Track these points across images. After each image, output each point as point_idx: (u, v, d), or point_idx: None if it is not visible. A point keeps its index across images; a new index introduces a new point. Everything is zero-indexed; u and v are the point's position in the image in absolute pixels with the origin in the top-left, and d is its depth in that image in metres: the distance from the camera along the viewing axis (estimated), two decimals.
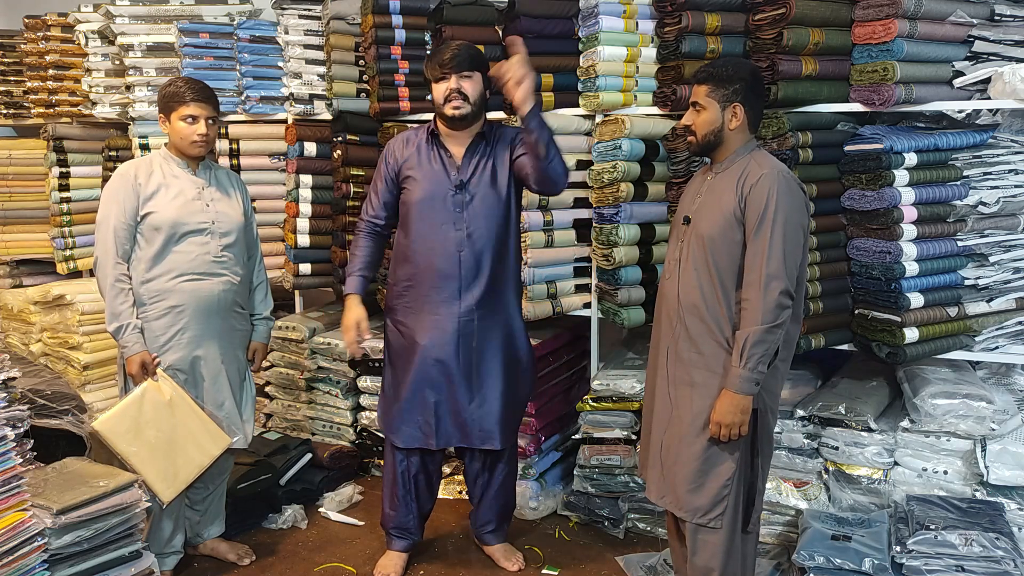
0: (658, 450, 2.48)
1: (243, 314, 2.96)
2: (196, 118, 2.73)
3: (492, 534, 3.10)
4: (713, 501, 2.35)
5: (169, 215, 2.73)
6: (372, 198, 2.87)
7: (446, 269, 2.74)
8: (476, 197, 2.75)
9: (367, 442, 3.85)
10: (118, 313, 2.71)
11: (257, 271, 3.05)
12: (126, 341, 2.71)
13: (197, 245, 2.77)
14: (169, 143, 2.82)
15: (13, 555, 2.17)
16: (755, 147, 2.39)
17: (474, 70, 2.70)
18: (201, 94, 2.75)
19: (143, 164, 2.80)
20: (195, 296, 2.77)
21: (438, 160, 2.77)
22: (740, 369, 2.24)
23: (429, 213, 2.75)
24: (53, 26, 4.75)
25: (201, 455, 2.79)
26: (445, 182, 2.75)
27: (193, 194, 2.79)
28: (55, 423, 3.32)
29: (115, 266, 2.71)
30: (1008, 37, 2.84)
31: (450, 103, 2.69)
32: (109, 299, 2.72)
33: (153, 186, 2.74)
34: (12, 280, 5.12)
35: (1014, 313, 2.97)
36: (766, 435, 2.41)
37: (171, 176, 2.79)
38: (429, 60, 2.75)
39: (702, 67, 2.41)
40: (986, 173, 2.89)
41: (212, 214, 2.81)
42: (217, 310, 2.82)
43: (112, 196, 2.74)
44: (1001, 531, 2.47)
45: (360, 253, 2.86)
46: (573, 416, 3.67)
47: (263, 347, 3.07)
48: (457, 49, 2.69)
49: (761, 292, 2.21)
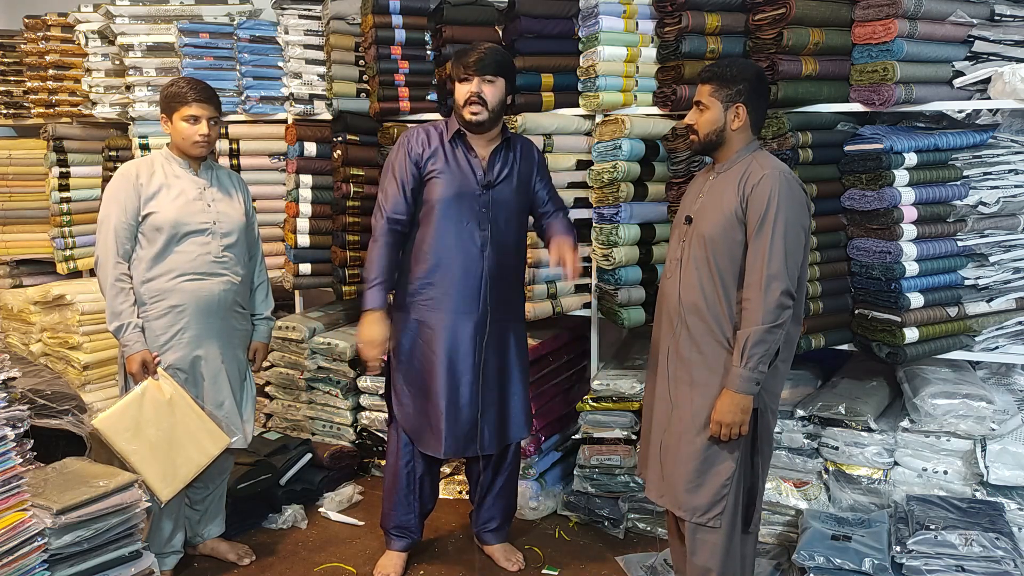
0: (658, 449, 2.48)
1: (244, 314, 2.96)
2: (198, 118, 2.73)
3: (493, 533, 3.10)
4: (712, 500, 2.35)
5: (170, 215, 2.73)
6: (392, 194, 2.72)
7: (470, 268, 2.73)
8: (500, 200, 2.75)
9: (367, 442, 3.85)
10: (119, 312, 2.71)
11: (258, 271, 3.05)
12: (127, 340, 2.71)
13: (198, 245, 2.77)
14: (171, 143, 2.82)
15: (13, 555, 2.17)
16: (757, 147, 2.40)
17: (498, 75, 2.66)
18: (203, 94, 2.75)
19: (145, 164, 2.80)
20: (196, 296, 2.77)
21: (464, 159, 2.74)
22: (741, 369, 2.24)
23: (456, 211, 2.71)
24: (53, 26, 4.75)
25: (200, 454, 2.79)
26: (472, 181, 2.73)
27: (195, 194, 2.79)
28: (55, 423, 3.31)
29: (116, 265, 2.72)
30: (1008, 37, 2.84)
31: (469, 107, 2.65)
32: (110, 298, 2.72)
33: (155, 186, 2.75)
34: (12, 280, 5.12)
35: (1014, 313, 2.97)
36: (766, 435, 2.41)
37: (173, 176, 2.79)
38: (455, 59, 2.72)
39: (706, 67, 2.42)
40: (986, 173, 2.89)
41: (213, 214, 2.81)
42: (218, 310, 2.82)
43: (113, 196, 2.74)
44: (1001, 531, 2.47)
45: (382, 262, 2.70)
46: (573, 416, 3.66)
47: (264, 347, 3.07)
48: (484, 52, 2.65)
49: (762, 292, 2.22)
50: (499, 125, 2.77)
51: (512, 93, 2.77)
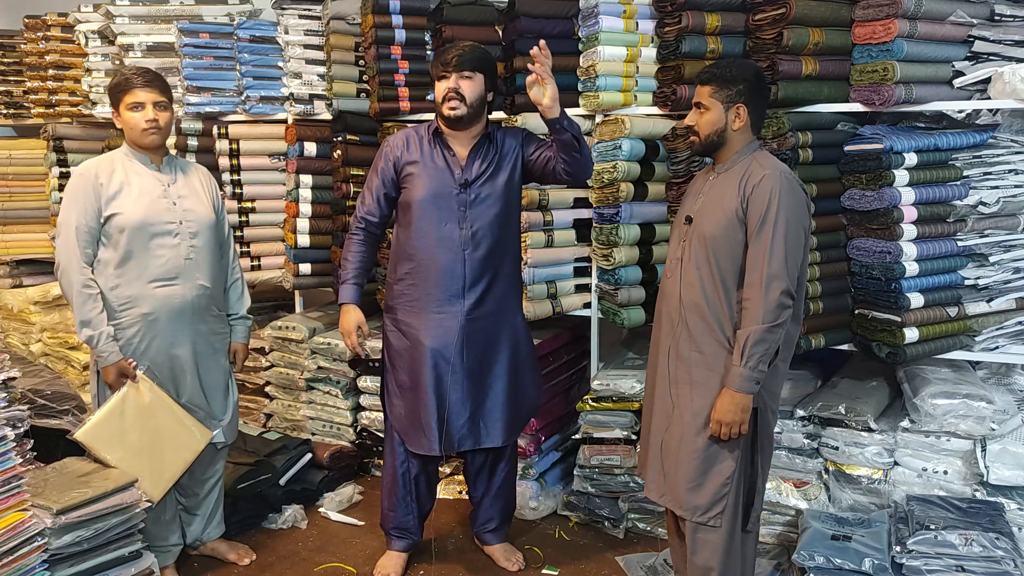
0: (658, 449, 2.48)
1: (220, 315, 2.89)
2: (142, 104, 2.62)
3: (492, 533, 3.10)
4: (712, 500, 2.35)
5: (135, 216, 2.62)
6: (366, 195, 2.83)
7: (451, 267, 2.74)
8: (480, 197, 2.75)
9: (367, 442, 3.85)
10: (89, 321, 2.61)
11: (231, 270, 2.96)
12: (102, 351, 2.62)
13: (166, 248, 2.68)
14: (127, 138, 2.71)
15: (13, 555, 2.17)
16: (757, 147, 2.41)
17: (476, 71, 2.69)
18: (145, 78, 2.64)
19: (104, 162, 2.68)
20: (167, 303, 2.68)
21: (442, 159, 2.76)
22: (741, 368, 2.25)
23: (433, 211, 2.73)
24: (53, 26, 4.74)
25: (184, 451, 2.77)
26: (449, 181, 2.74)
27: (158, 192, 2.69)
28: (55, 423, 3.32)
29: (80, 270, 2.60)
30: (1008, 37, 2.84)
31: (447, 103, 2.68)
32: (77, 306, 2.60)
33: (116, 185, 2.63)
34: (12, 280, 5.11)
35: (1014, 313, 2.97)
36: (766, 434, 2.42)
37: (133, 174, 2.67)
38: (434, 58, 2.76)
39: (706, 67, 2.42)
40: (986, 173, 2.89)
41: (179, 213, 2.71)
42: (191, 316, 2.75)
43: (72, 197, 2.62)
44: (1001, 531, 2.47)
45: (353, 259, 2.82)
46: (573, 416, 3.67)
47: (243, 347, 3.00)
48: (461, 49, 2.68)
49: (762, 292, 2.23)
50: (481, 122, 2.77)
51: (492, 91, 2.77)
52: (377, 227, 2.85)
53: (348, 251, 2.84)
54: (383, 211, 2.83)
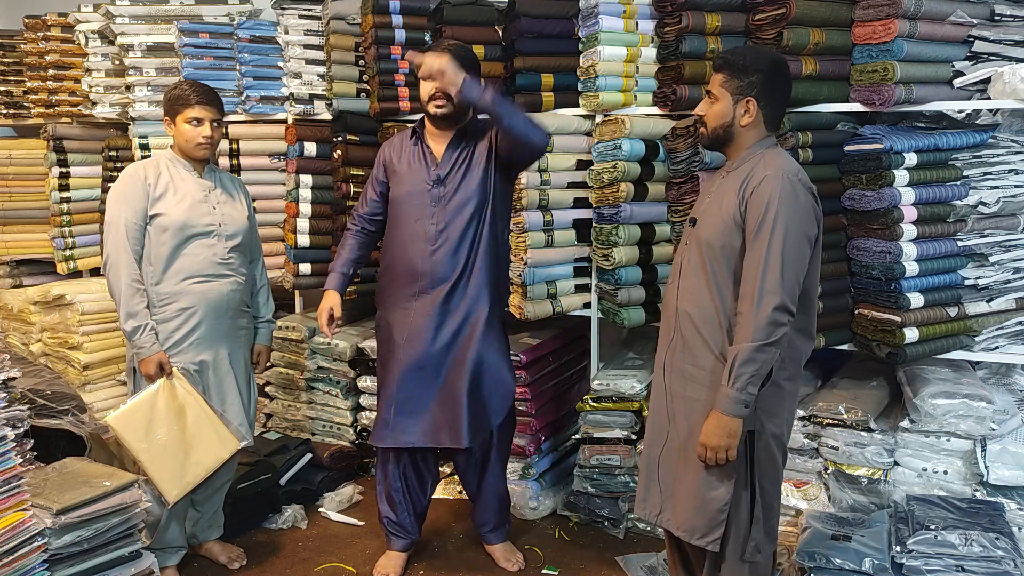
0: (655, 465, 2.35)
1: (248, 313, 2.99)
2: (201, 120, 2.76)
3: (492, 533, 3.10)
4: (710, 524, 2.20)
5: (178, 217, 2.75)
6: (362, 196, 2.96)
7: (418, 264, 2.77)
8: (454, 192, 2.77)
9: (367, 442, 3.84)
10: (134, 313, 2.70)
11: (260, 274, 3.08)
12: (143, 342, 2.70)
13: (204, 247, 2.80)
14: (174, 145, 2.85)
15: (13, 555, 2.17)
16: (771, 146, 2.21)
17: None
18: (206, 97, 2.78)
19: (151, 165, 2.82)
20: (205, 297, 2.79)
21: (420, 157, 2.82)
22: (728, 389, 2.06)
23: (408, 208, 2.81)
24: (53, 26, 4.74)
25: (209, 458, 2.79)
26: (424, 178, 2.79)
27: (200, 196, 2.82)
28: (55, 423, 3.31)
29: (129, 265, 2.71)
30: (1008, 37, 2.84)
31: (433, 102, 2.73)
32: (124, 299, 2.70)
33: (162, 188, 2.76)
34: (12, 280, 5.12)
35: (1014, 313, 2.97)
36: (769, 460, 2.21)
37: (178, 179, 2.81)
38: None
39: (720, 53, 2.25)
40: (986, 173, 2.89)
41: (219, 216, 2.84)
42: (226, 311, 2.86)
43: (121, 196, 2.74)
44: (1001, 531, 2.47)
45: (344, 251, 2.93)
46: (573, 416, 3.67)
47: (267, 349, 3.10)
48: (445, 49, 2.69)
49: (754, 307, 2.04)
50: (468, 117, 2.81)
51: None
52: (371, 224, 2.94)
53: (341, 245, 2.96)
54: (376, 212, 2.93)
